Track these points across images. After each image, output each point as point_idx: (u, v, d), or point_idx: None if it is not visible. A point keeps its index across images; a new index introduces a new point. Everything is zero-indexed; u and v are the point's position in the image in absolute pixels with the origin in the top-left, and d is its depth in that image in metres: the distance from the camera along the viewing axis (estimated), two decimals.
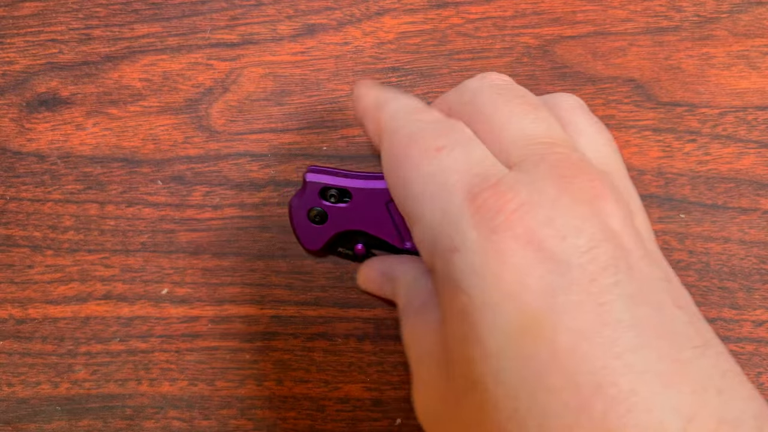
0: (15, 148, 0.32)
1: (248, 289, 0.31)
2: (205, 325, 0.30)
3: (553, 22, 0.33)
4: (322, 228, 0.29)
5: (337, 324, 0.30)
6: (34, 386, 0.30)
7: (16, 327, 0.30)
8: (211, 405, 0.30)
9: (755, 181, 0.31)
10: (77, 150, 0.32)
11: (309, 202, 0.29)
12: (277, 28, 0.33)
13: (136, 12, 0.33)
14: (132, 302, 0.30)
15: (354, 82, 0.32)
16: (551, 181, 0.20)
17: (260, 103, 0.32)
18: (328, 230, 0.29)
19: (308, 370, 0.30)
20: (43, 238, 0.31)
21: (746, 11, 0.33)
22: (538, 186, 0.20)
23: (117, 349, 0.30)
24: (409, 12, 0.33)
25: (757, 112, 0.32)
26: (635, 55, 0.32)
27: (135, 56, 0.33)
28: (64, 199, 0.31)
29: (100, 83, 0.32)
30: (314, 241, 0.29)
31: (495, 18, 0.33)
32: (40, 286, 0.31)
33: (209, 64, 0.33)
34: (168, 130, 0.32)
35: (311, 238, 0.29)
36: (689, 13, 0.33)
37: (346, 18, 0.33)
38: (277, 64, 0.33)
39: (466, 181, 0.21)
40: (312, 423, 0.30)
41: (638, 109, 0.32)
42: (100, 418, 0.30)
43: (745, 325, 0.30)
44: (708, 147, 0.32)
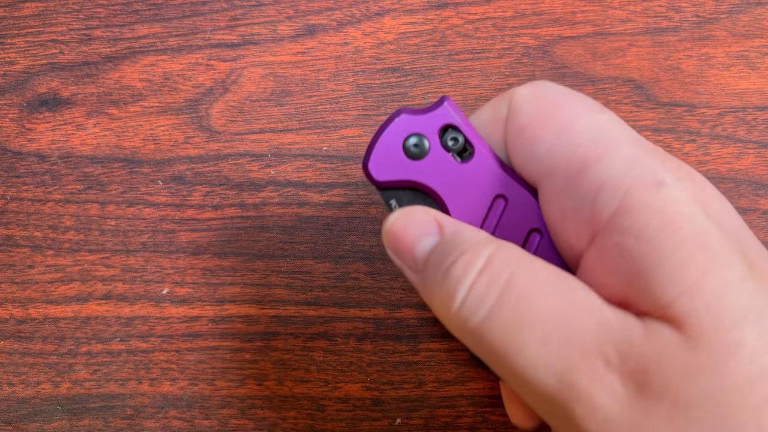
0: (16, 148, 0.32)
1: (248, 289, 0.31)
2: (206, 324, 0.30)
3: (552, 22, 0.33)
4: (408, 165, 0.22)
5: (337, 324, 0.30)
6: (34, 386, 0.30)
7: (17, 327, 0.30)
8: (212, 405, 0.30)
9: (755, 181, 0.32)
10: (78, 150, 0.32)
11: (423, 126, 0.22)
12: (278, 29, 0.33)
13: (137, 12, 0.33)
14: (132, 302, 0.31)
15: (353, 81, 0.32)
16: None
17: (260, 104, 0.32)
18: (411, 171, 0.22)
19: (308, 370, 0.30)
20: (44, 238, 0.31)
21: (745, 12, 0.33)
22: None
23: (117, 348, 0.30)
24: (409, 13, 0.33)
25: (757, 112, 0.32)
26: (635, 56, 0.32)
27: (135, 56, 0.33)
28: (64, 199, 0.31)
29: (101, 83, 0.33)
30: (385, 169, 0.22)
31: (495, 18, 0.33)
32: (40, 286, 0.31)
33: (210, 65, 0.33)
34: (168, 131, 0.32)
35: (385, 164, 0.22)
36: (688, 14, 0.33)
37: (346, 18, 0.33)
38: (277, 65, 0.33)
39: (638, 135, 0.20)
40: (312, 423, 0.30)
41: (638, 109, 0.32)
42: (101, 417, 0.30)
43: None
44: (707, 147, 0.32)
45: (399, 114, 0.22)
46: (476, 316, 0.19)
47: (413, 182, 0.22)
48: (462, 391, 0.30)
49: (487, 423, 0.29)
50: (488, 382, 0.30)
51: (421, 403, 0.30)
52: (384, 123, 0.22)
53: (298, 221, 0.31)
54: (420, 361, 0.30)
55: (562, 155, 0.20)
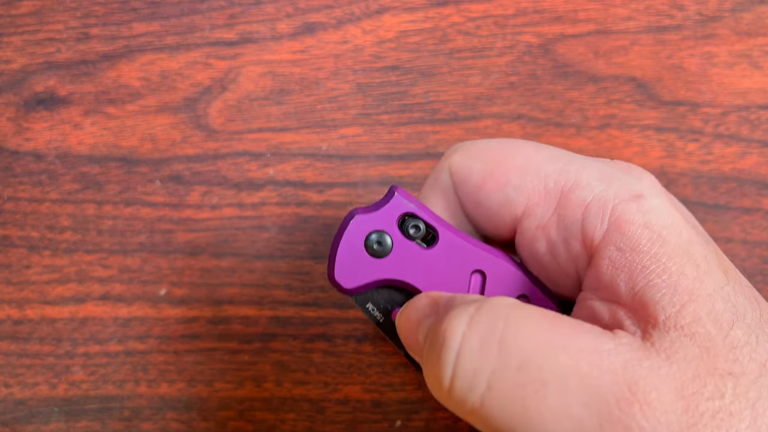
0: (12, 148, 0.32)
1: (247, 290, 0.30)
2: (204, 325, 0.30)
3: (554, 20, 0.33)
4: (374, 264, 0.21)
5: (337, 325, 0.30)
6: (31, 387, 0.30)
7: (14, 328, 0.30)
8: (210, 406, 0.30)
9: (758, 180, 0.31)
10: (75, 149, 0.32)
11: (380, 222, 0.21)
12: (276, 27, 0.33)
13: (135, 10, 0.33)
14: (130, 303, 0.30)
15: (352, 79, 0.32)
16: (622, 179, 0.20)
17: (259, 102, 0.32)
18: (379, 270, 0.21)
19: (307, 372, 0.30)
20: (41, 239, 0.31)
21: (749, 10, 0.33)
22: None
23: (115, 350, 0.30)
24: (410, 10, 0.33)
25: (760, 111, 0.32)
26: (637, 54, 0.32)
27: (133, 55, 0.32)
28: (61, 199, 0.31)
29: (98, 82, 0.32)
30: (353, 276, 0.21)
31: (496, 16, 0.33)
32: (37, 286, 0.31)
33: (208, 63, 0.32)
34: (166, 130, 0.32)
35: (351, 270, 0.21)
36: (691, 12, 0.33)
37: (345, 16, 0.33)
38: (276, 63, 0.32)
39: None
40: (311, 425, 0.29)
41: (640, 108, 0.32)
42: (98, 419, 0.30)
43: None
44: (710, 146, 0.32)
45: (353, 216, 0.21)
46: (475, 390, 0.17)
47: (385, 280, 0.21)
48: None
49: None
50: None
51: (421, 405, 0.29)
52: (340, 228, 0.21)
53: (297, 221, 0.31)
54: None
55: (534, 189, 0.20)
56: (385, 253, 0.21)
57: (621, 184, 0.19)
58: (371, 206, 0.21)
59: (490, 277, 0.21)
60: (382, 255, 0.21)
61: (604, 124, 0.32)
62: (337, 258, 0.21)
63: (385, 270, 0.21)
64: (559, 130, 0.32)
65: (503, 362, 0.16)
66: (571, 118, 0.32)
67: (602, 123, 0.32)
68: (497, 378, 0.16)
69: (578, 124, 0.32)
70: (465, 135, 0.31)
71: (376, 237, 0.21)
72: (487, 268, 0.21)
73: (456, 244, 0.21)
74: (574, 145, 0.31)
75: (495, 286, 0.21)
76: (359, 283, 0.21)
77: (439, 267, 0.21)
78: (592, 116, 0.32)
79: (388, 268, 0.21)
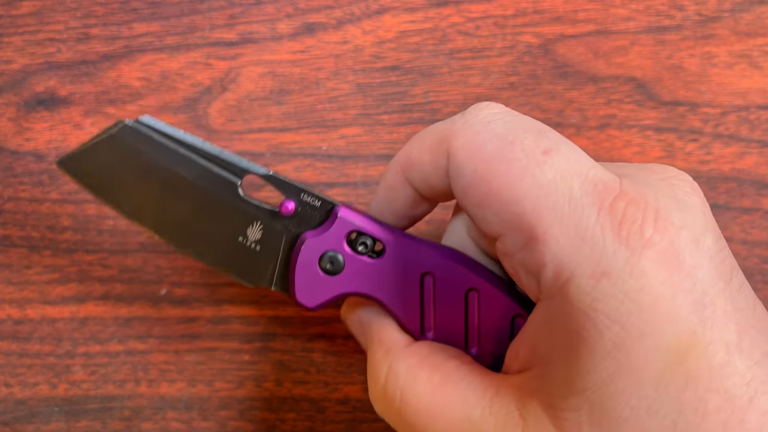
0: (13, 148, 0.32)
1: (247, 290, 0.30)
2: (204, 325, 0.30)
3: (554, 20, 0.33)
4: (331, 281, 0.22)
5: (337, 324, 0.30)
6: (32, 387, 0.30)
7: (14, 327, 0.30)
8: (210, 406, 0.30)
9: (757, 180, 0.31)
10: None
11: (329, 242, 0.22)
12: (277, 27, 0.33)
13: (135, 11, 0.33)
14: (130, 303, 0.30)
15: (352, 79, 0.32)
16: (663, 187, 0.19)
17: (259, 102, 0.32)
18: (336, 286, 0.22)
19: (308, 371, 0.30)
20: (41, 238, 0.31)
21: (748, 10, 0.33)
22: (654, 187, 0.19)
23: (115, 349, 0.30)
24: (410, 10, 0.33)
25: (760, 111, 0.32)
26: (637, 54, 0.32)
27: (133, 55, 0.33)
28: (62, 199, 0.31)
29: (99, 82, 0.32)
30: (313, 295, 0.23)
31: (496, 16, 0.33)
32: (38, 286, 0.31)
33: (208, 63, 0.32)
34: None
35: (311, 290, 0.23)
36: (691, 12, 0.33)
37: (345, 17, 0.33)
38: (276, 63, 0.32)
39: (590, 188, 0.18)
40: (311, 424, 0.29)
41: (640, 108, 0.32)
42: (99, 419, 0.30)
43: None
44: (710, 146, 0.32)
45: (304, 240, 0.22)
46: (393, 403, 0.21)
47: (343, 295, 0.23)
48: None
49: None
50: None
51: None
52: (293, 253, 0.23)
53: None
54: None
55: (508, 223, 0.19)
56: (338, 271, 0.22)
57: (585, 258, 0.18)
58: (320, 228, 0.23)
59: (438, 277, 0.22)
60: (337, 272, 0.22)
61: (603, 124, 0.32)
62: (296, 281, 0.22)
63: (342, 285, 0.22)
64: (559, 130, 0.31)
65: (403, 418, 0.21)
66: (571, 118, 0.32)
67: (602, 123, 0.32)
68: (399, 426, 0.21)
69: (578, 124, 0.32)
70: None
71: (328, 257, 0.22)
72: (435, 269, 0.22)
73: (403, 252, 0.22)
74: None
75: (444, 285, 0.22)
76: (320, 301, 0.23)
77: (391, 275, 0.22)
78: (592, 116, 0.32)
79: (345, 283, 0.22)
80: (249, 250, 0.23)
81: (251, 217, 0.23)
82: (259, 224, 0.23)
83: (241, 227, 0.23)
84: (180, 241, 0.23)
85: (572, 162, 0.19)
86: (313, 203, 0.23)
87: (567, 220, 0.18)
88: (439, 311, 0.22)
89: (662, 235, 0.17)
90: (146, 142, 0.23)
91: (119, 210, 0.23)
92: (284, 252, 0.23)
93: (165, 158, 0.23)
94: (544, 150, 0.19)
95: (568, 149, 0.19)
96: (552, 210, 0.18)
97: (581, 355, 0.18)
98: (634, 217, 0.18)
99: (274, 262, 0.23)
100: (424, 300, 0.22)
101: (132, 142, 0.23)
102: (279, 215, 0.23)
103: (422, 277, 0.22)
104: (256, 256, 0.23)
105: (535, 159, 0.19)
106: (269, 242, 0.23)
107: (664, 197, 0.18)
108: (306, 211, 0.23)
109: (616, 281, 0.17)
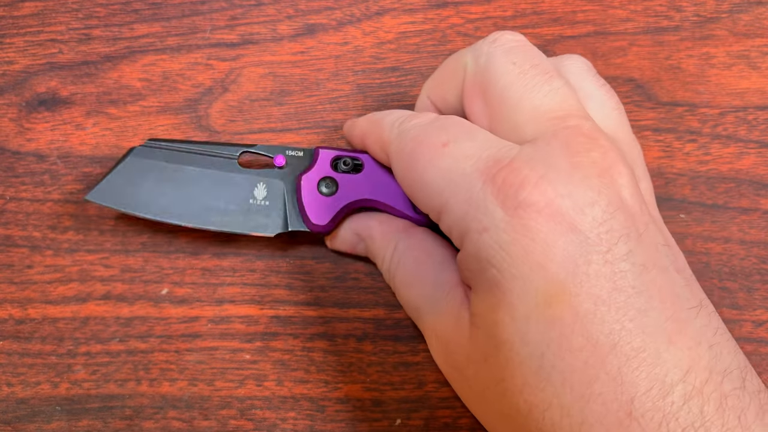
0: (14, 148, 0.32)
1: (248, 289, 0.31)
2: (205, 325, 0.30)
3: (553, 22, 0.33)
4: (332, 200, 0.28)
5: (337, 324, 0.30)
6: (33, 386, 0.30)
7: (16, 327, 0.30)
8: (211, 405, 0.30)
9: (756, 181, 0.31)
10: (77, 150, 0.32)
11: (320, 172, 0.28)
12: (277, 28, 0.33)
13: (136, 12, 0.33)
14: (131, 302, 0.30)
15: (352, 80, 0.32)
16: (565, 156, 0.21)
17: (260, 103, 0.32)
18: (338, 202, 0.28)
19: (308, 371, 0.30)
20: (43, 238, 0.31)
21: (746, 11, 0.33)
22: (554, 161, 0.21)
23: (116, 349, 0.30)
24: (409, 12, 0.33)
25: (758, 112, 0.32)
26: (635, 55, 0.32)
27: (135, 56, 0.33)
28: (63, 199, 0.31)
29: (100, 83, 0.32)
30: (323, 215, 0.28)
31: (495, 18, 0.33)
32: (39, 286, 0.31)
33: (209, 64, 0.33)
34: (168, 130, 0.32)
35: (320, 212, 0.28)
36: (689, 13, 0.33)
37: (346, 18, 0.33)
38: (276, 64, 0.33)
39: (481, 166, 0.22)
40: (312, 423, 0.29)
41: (638, 109, 0.32)
42: (100, 418, 0.30)
43: (745, 325, 0.30)
44: (708, 147, 0.32)
45: (300, 179, 0.29)
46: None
47: (345, 207, 0.28)
48: None
49: None
50: None
51: (421, 404, 0.30)
52: (296, 190, 0.29)
53: None
54: (420, 361, 0.30)
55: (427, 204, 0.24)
56: (334, 191, 0.28)
57: (473, 217, 0.22)
58: (309, 168, 0.29)
59: None
60: (334, 192, 0.28)
61: None
62: (306, 210, 0.28)
63: (341, 200, 0.28)
64: None
65: (393, 285, 0.28)
66: None
67: None
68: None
69: None
70: None
71: (323, 182, 0.29)
72: None
73: (375, 161, 0.28)
74: None
75: None
76: (329, 218, 0.28)
77: (374, 178, 0.29)
78: None
79: (342, 198, 0.28)
80: (261, 207, 0.29)
81: (254, 181, 0.29)
82: (262, 184, 0.29)
83: (249, 191, 0.29)
84: (203, 221, 0.28)
85: (467, 149, 0.23)
86: (297, 155, 0.29)
87: (460, 193, 0.22)
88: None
89: (539, 197, 0.21)
90: (156, 155, 0.29)
91: (147, 215, 0.28)
92: (288, 196, 0.29)
93: (175, 160, 0.29)
94: (443, 143, 0.23)
95: (467, 139, 0.23)
96: (449, 188, 0.23)
97: (475, 288, 0.23)
98: (511, 183, 0.21)
99: (283, 208, 0.29)
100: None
101: (145, 159, 0.28)
102: (274, 171, 0.29)
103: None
104: (267, 209, 0.29)
105: (437, 152, 0.23)
106: (274, 195, 0.29)
107: (557, 167, 0.21)
108: (294, 161, 0.29)
109: (493, 235, 0.21)
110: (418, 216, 0.29)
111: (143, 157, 0.28)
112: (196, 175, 0.28)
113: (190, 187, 0.28)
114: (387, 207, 0.29)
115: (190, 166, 0.29)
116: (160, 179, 0.28)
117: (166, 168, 0.28)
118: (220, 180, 0.29)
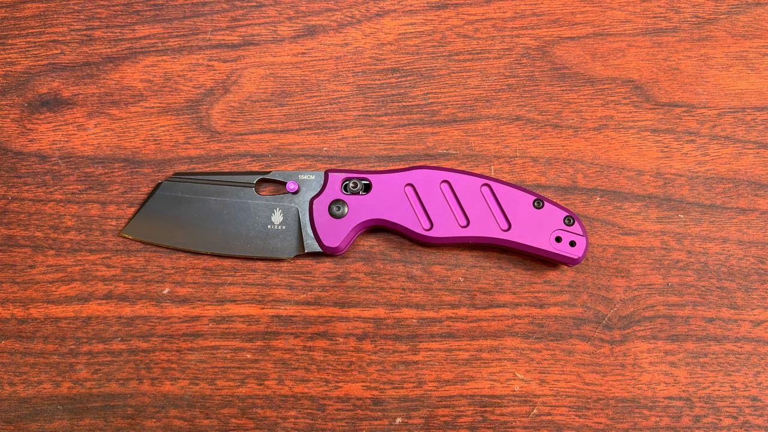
0: (17, 149, 0.32)
1: (249, 289, 0.31)
2: (206, 324, 0.30)
3: (552, 23, 0.33)
4: (343, 222, 0.30)
5: (338, 323, 0.30)
6: (35, 385, 0.30)
7: (18, 327, 0.31)
8: (212, 404, 0.30)
9: (753, 181, 0.32)
10: (79, 150, 0.32)
11: (330, 195, 0.30)
12: (278, 30, 0.33)
13: (138, 13, 0.33)
14: (133, 302, 0.31)
15: (353, 81, 0.32)
16: None
17: (261, 104, 0.32)
18: (348, 223, 0.30)
19: (308, 370, 0.30)
20: (45, 238, 0.31)
21: (744, 12, 0.33)
22: None
23: (118, 348, 0.30)
24: (409, 13, 0.33)
25: (756, 112, 0.32)
26: (634, 56, 0.33)
27: (136, 57, 0.33)
28: (65, 200, 0.32)
29: (102, 84, 0.33)
30: (334, 237, 0.30)
31: (494, 19, 0.33)
32: (41, 285, 0.31)
33: (210, 65, 0.33)
34: (169, 131, 0.32)
35: (332, 234, 0.30)
36: (688, 15, 0.33)
37: (346, 19, 0.33)
38: (277, 65, 0.33)
39: None
40: (312, 422, 0.30)
41: (637, 109, 0.32)
42: (102, 417, 0.30)
43: (744, 324, 0.30)
44: (706, 147, 0.32)
45: (312, 203, 0.30)
46: None
47: (357, 227, 0.30)
48: (461, 390, 0.30)
49: (486, 422, 0.29)
50: (488, 382, 0.30)
51: (420, 403, 0.30)
52: (309, 213, 0.30)
53: None
54: (420, 360, 0.30)
55: None
56: (345, 212, 0.30)
57: None
58: (319, 191, 0.30)
59: (418, 186, 0.30)
60: (344, 214, 0.30)
61: (601, 126, 0.32)
62: (319, 232, 0.30)
63: (352, 221, 0.30)
64: (557, 131, 0.32)
65: None
66: (569, 119, 0.32)
67: (599, 124, 0.32)
68: None
69: (576, 126, 0.32)
70: (464, 136, 0.32)
71: (334, 205, 0.30)
72: (413, 179, 0.30)
73: (383, 178, 0.30)
74: (571, 146, 0.32)
75: (424, 188, 0.30)
76: (341, 239, 0.30)
77: (383, 197, 0.30)
78: (590, 118, 0.32)
79: (353, 219, 0.30)
80: (279, 231, 0.30)
81: (271, 207, 0.31)
82: (279, 210, 0.30)
83: (267, 217, 0.30)
84: (226, 248, 0.30)
85: None
86: (308, 179, 0.30)
87: None
88: (427, 204, 0.30)
89: None
90: (181, 188, 0.31)
91: (176, 245, 0.31)
92: (303, 220, 0.30)
93: (197, 193, 0.31)
94: None
95: None
96: None
97: None
98: None
99: (298, 231, 0.30)
100: (413, 205, 0.30)
101: (170, 193, 0.31)
102: (289, 196, 0.31)
103: (404, 188, 0.30)
104: (284, 234, 0.30)
105: None
106: (289, 219, 0.30)
107: None
108: (306, 186, 0.30)
109: None
110: (427, 234, 0.29)
111: (169, 191, 0.31)
112: (217, 205, 0.30)
113: (213, 218, 0.30)
114: (396, 226, 0.30)
115: (212, 197, 0.30)
116: (186, 212, 0.30)
117: (191, 201, 0.30)
118: (240, 208, 0.30)
